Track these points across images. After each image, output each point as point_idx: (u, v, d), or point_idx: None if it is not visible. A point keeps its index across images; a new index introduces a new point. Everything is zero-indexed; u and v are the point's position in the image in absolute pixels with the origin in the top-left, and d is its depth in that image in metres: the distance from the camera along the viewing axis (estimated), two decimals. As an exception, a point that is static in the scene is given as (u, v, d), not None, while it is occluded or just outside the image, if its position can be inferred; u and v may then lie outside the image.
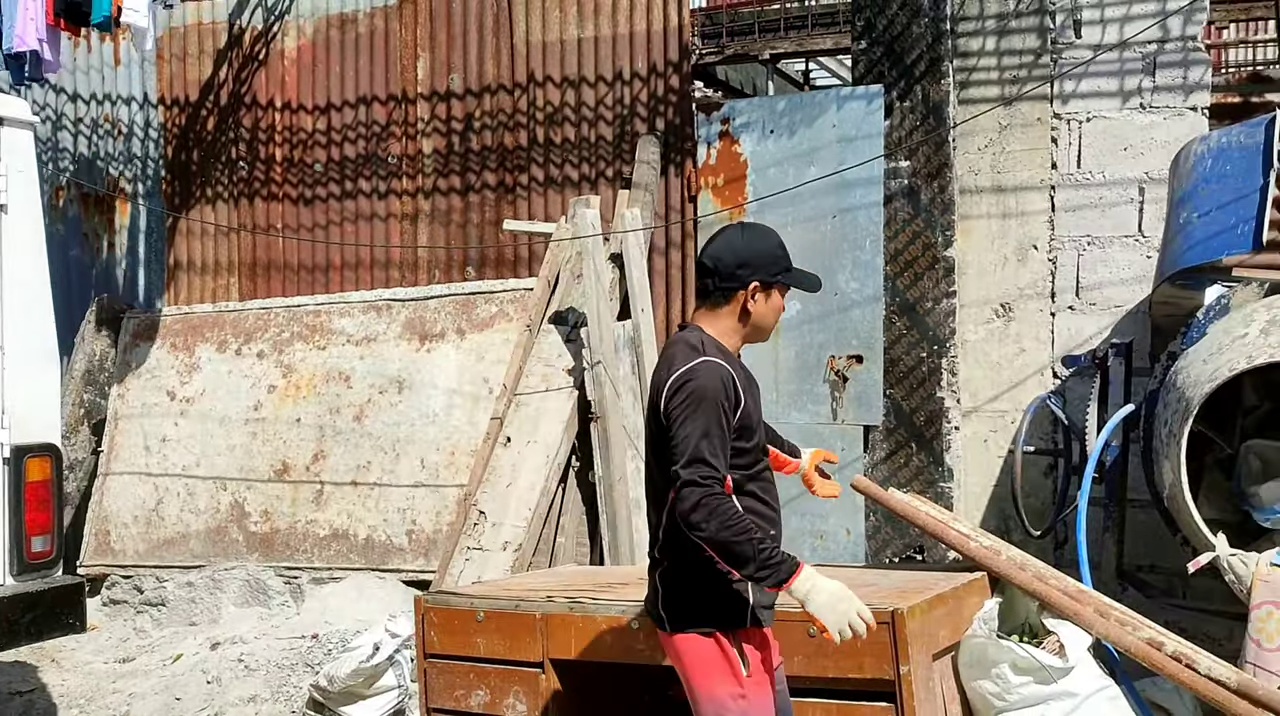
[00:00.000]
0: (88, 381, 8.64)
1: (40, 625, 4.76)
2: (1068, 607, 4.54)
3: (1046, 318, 6.69)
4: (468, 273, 8.16)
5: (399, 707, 5.82)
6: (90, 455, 8.59)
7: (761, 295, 3.46)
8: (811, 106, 7.21)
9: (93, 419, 8.62)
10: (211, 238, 8.99)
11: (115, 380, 8.62)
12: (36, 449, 4.88)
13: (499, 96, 8.09)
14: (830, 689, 4.10)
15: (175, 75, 9.09)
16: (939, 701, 4.25)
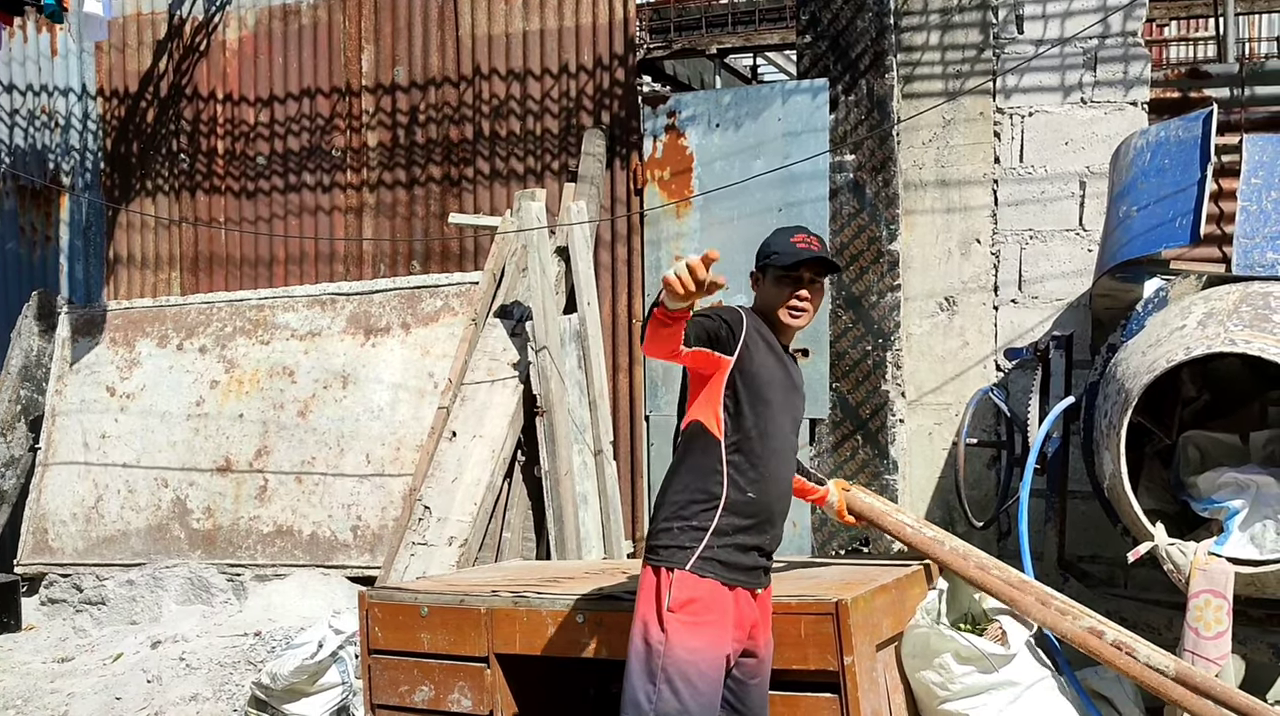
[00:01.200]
0: (25, 377, 8.50)
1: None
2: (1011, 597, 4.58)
3: (989, 311, 6.74)
4: (413, 266, 8.11)
5: (343, 704, 5.77)
6: (27, 452, 8.46)
7: (761, 282, 3.77)
8: (757, 100, 7.21)
9: (30, 415, 8.49)
10: (152, 231, 8.87)
11: (53, 376, 8.49)
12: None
13: (444, 89, 8.04)
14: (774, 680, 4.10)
15: (114, 66, 8.96)
16: (883, 691, 4.27)
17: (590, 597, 4.45)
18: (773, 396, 3.64)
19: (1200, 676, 4.41)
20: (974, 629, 4.56)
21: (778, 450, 3.67)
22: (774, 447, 3.65)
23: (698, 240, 7.33)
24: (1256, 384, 5.51)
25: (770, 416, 3.63)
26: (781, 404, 3.67)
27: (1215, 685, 4.38)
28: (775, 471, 3.67)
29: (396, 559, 6.69)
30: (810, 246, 3.70)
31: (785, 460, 3.71)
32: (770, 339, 3.69)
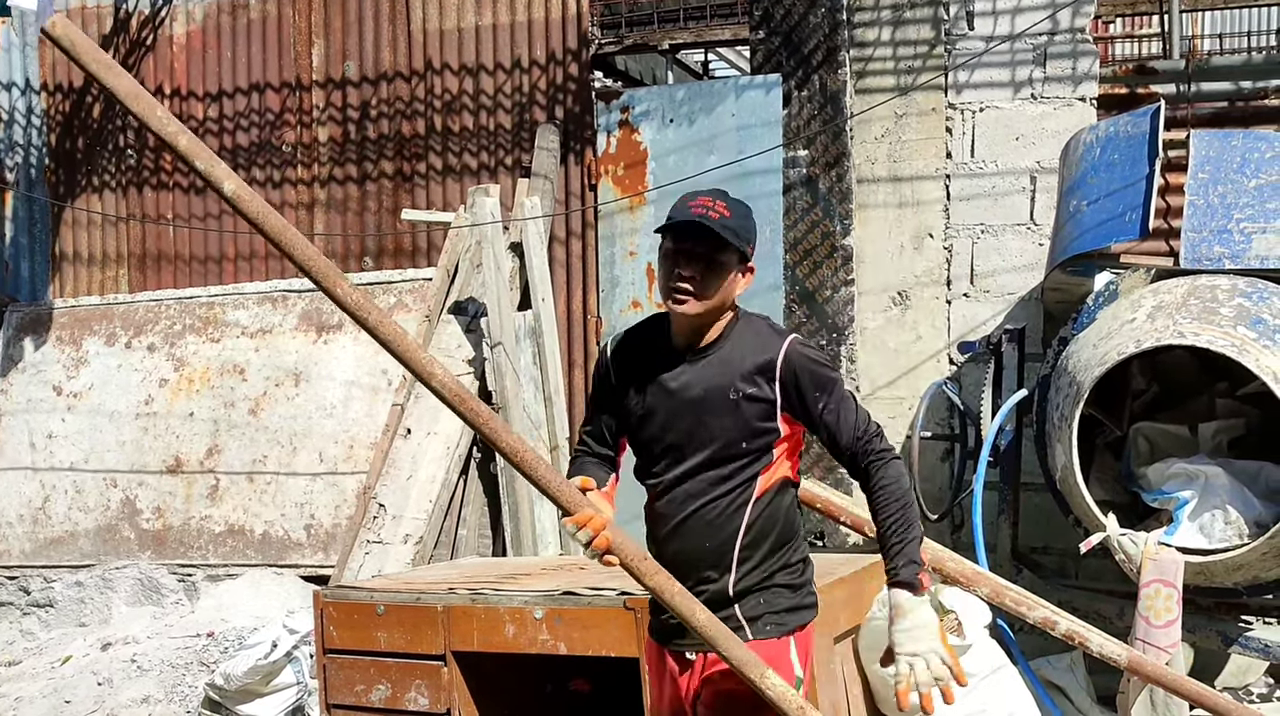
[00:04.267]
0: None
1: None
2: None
3: (942, 305, 6.79)
4: (365, 263, 8.05)
5: (298, 704, 5.72)
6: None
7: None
8: (710, 95, 7.22)
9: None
10: (99, 228, 8.75)
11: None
12: (-86, 446, 4.70)
13: (396, 84, 7.98)
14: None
15: (59, 60, 8.82)
16: (840, 684, 4.29)
17: (548, 593, 4.44)
18: (650, 431, 3.05)
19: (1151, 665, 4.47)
20: (930, 620, 4.58)
21: (666, 489, 3.04)
22: (670, 494, 3.04)
23: (652, 235, 7.32)
24: (1205, 376, 5.59)
25: (652, 454, 3.07)
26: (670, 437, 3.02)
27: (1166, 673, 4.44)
28: (663, 510, 3.05)
29: (351, 557, 6.65)
30: (709, 212, 2.91)
31: (679, 504, 3.01)
32: (649, 353, 3.06)
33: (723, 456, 2.96)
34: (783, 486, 3.03)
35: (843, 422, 2.94)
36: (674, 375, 3.00)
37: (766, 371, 2.92)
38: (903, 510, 2.89)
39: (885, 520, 2.91)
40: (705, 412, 2.96)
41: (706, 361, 2.97)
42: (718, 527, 2.97)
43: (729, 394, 2.93)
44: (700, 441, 2.97)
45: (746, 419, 2.94)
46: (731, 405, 2.93)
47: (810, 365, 2.94)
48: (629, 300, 7.39)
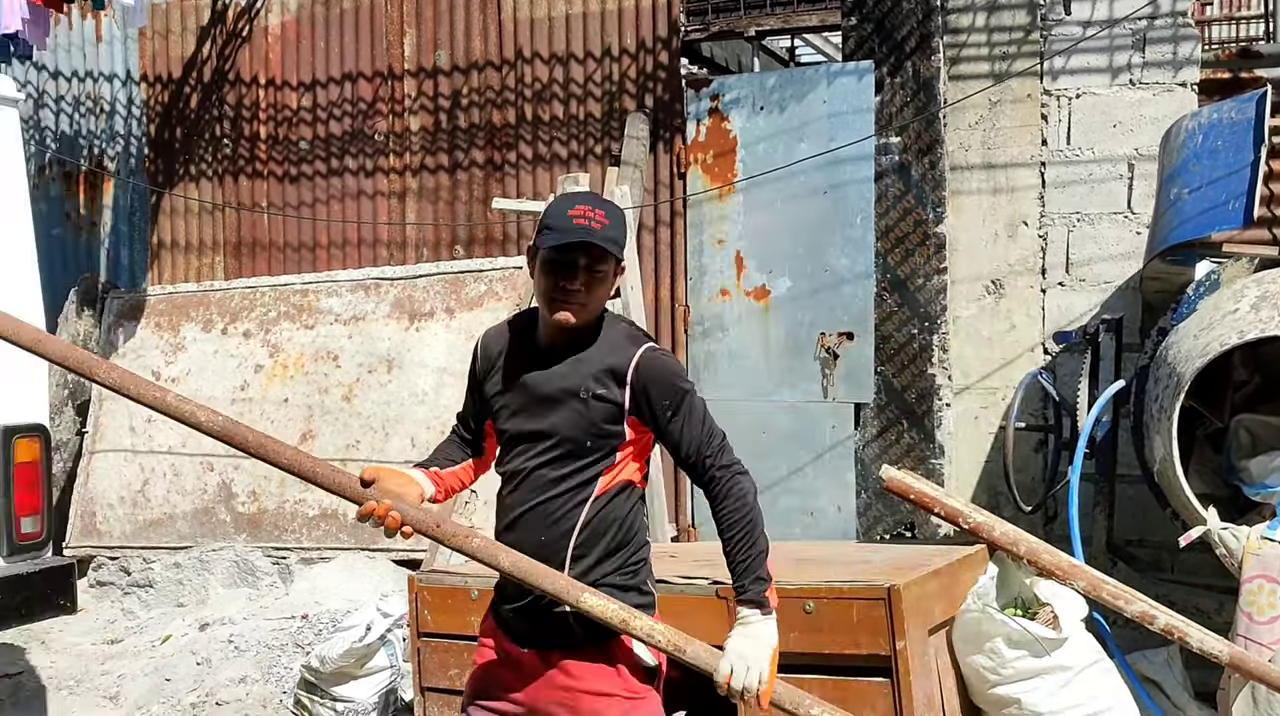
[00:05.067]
0: (72, 361, 8.58)
1: (31, 606, 4.73)
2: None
3: (1037, 294, 6.70)
4: (456, 251, 8.13)
5: (391, 687, 5.81)
6: (75, 436, 8.54)
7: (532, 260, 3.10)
8: (802, 83, 7.18)
9: (77, 400, 8.56)
10: (196, 216, 8.93)
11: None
12: (25, 429, 4.84)
13: (487, 73, 8.04)
14: (826, 665, 4.11)
15: (158, 52, 9.01)
16: (934, 676, 4.27)
17: (640, 581, 4.45)
18: (505, 422, 3.12)
19: (1254, 661, 4.39)
20: (1025, 613, 4.54)
21: (515, 481, 3.09)
22: (512, 480, 3.10)
23: (741, 224, 7.31)
24: (1310, 368, 5.46)
25: (505, 445, 3.14)
26: (522, 429, 3.08)
27: (1269, 670, 4.35)
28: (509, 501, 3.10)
29: (442, 542, 6.71)
30: (590, 223, 2.94)
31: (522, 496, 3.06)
32: (521, 352, 3.12)
33: (566, 453, 3.01)
34: (625, 488, 3.07)
35: (688, 434, 3.00)
36: (536, 372, 3.07)
37: (618, 375, 2.99)
38: (748, 527, 2.97)
39: (731, 538, 2.98)
40: (555, 409, 3.02)
41: (565, 360, 3.04)
42: (554, 523, 3.02)
43: (579, 393, 3.00)
44: (547, 437, 3.03)
45: (593, 419, 2.99)
46: (580, 404, 2.99)
47: (661, 374, 3.00)
48: (717, 288, 7.39)
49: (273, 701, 5.99)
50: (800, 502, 7.13)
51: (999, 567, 4.69)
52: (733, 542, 2.98)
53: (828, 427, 7.06)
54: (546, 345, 3.07)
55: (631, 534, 3.09)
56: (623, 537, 3.06)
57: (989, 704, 4.45)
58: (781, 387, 7.20)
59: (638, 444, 3.07)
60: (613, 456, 3.03)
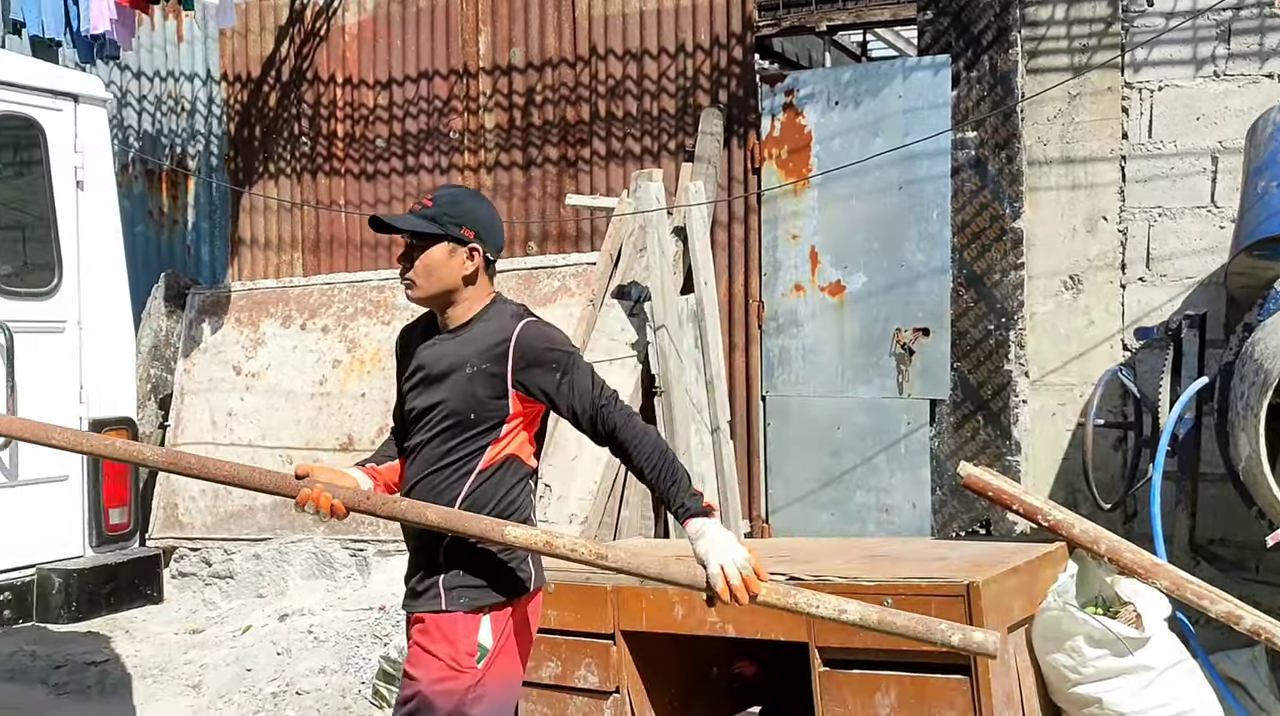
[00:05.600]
0: (154, 356, 8.75)
1: (118, 596, 4.83)
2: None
3: (1116, 289, 6.60)
4: (530, 247, 8.18)
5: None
6: (157, 429, 8.70)
7: None
8: (877, 77, 7.14)
9: (160, 393, 8.73)
10: (275, 213, 9.06)
11: (181, 355, 8.73)
12: (113, 422, 4.94)
13: (561, 70, 8.08)
14: (903, 661, 4.09)
15: (237, 52, 9.16)
16: (1013, 674, 4.23)
17: (716, 576, 4.46)
18: (408, 402, 3.36)
19: (1345, 664, 4.30)
20: (1106, 612, 4.49)
21: (415, 459, 3.31)
22: (412, 459, 3.33)
23: (815, 219, 7.28)
24: (1402, 364, 5.33)
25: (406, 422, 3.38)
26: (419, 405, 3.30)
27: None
28: (407, 476, 3.34)
29: (517, 536, 6.77)
30: (416, 206, 3.34)
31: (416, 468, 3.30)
32: (421, 337, 3.39)
33: (454, 426, 3.23)
34: (509, 463, 3.28)
35: (579, 392, 3.17)
36: (430, 351, 3.32)
37: (500, 349, 3.20)
38: (662, 456, 3.14)
39: (651, 470, 3.14)
40: (443, 384, 3.25)
41: (456, 340, 3.29)
42: (439, 494, 3.22)
43: (465, 369, 3.22)
44: (438, 412, 3.25)
45: (478, 393, 3.21)
46: (466, 379, 3.21)
47: (541, 342, 3.20)
48: (791, 284, 7.36)
49: (351, 691, 6.07)
50: (875, 499, 7.10)
51: (1079, 566, 4.64)
52: (656, 473, 3.14)
53: (903, 424, 7.02)
54: (442, 327, 3.35)
55: (512, 509, 3.27)
56: (503, 511, 3.24)
57: (1069, 703, 4.41)
58: (856, 384, 7.17)
59: (525, 417, 3.27)
60: (498, 430, 3.24)
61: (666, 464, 3.13)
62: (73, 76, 4.97)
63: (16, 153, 4.97)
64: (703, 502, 3.11)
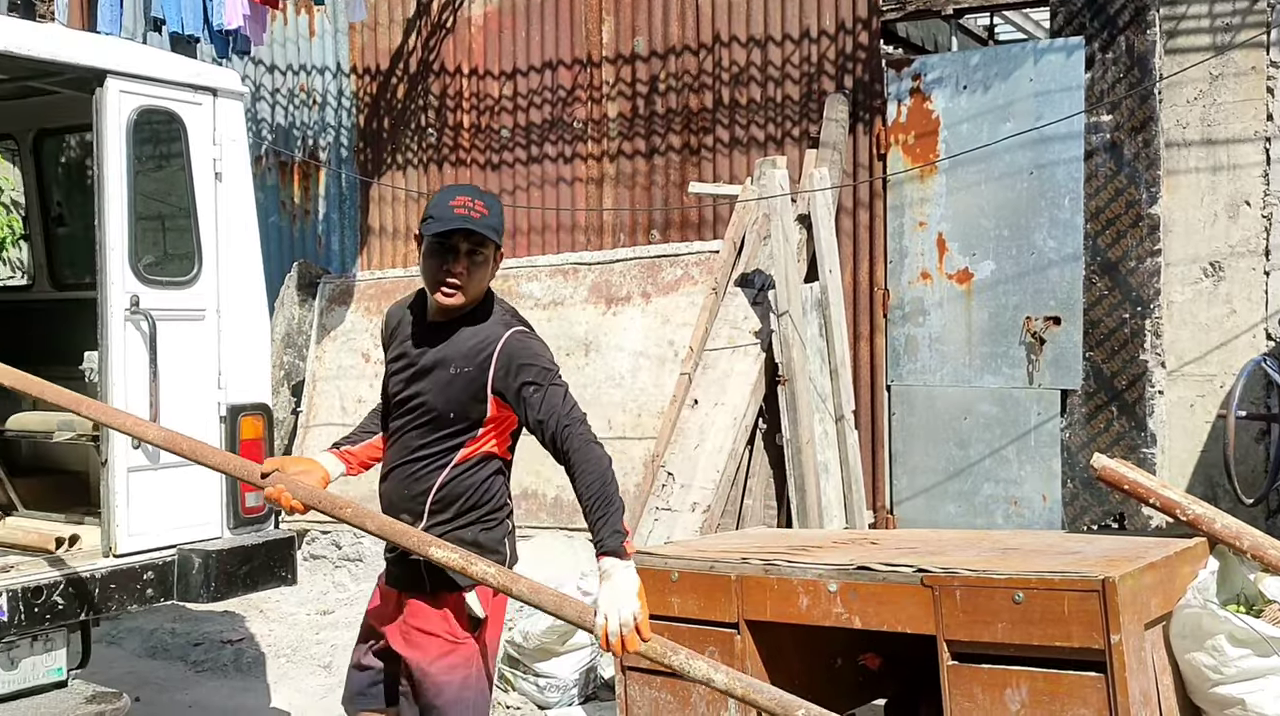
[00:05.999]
0: (287, 344, 8.96)
1: (254, 577, 4.94)
2: None
3: (1260, 277, 6.37)
4: (652, 236, 8.19)
5: (591, 665, 5.90)
6: (290, 415, 8.91)
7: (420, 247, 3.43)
8: (1007, 60, 6.99)
9: (292, 380, 8.94)
10: (402, 203, 9.21)
11: (313, 342, 8.92)
12: (250, 408, 5.06)
13: (684, 58, 8.06)
14: (1035, 657, 4.00)
15: (366, 45, 9.31)
16: (1150, 672, 4.11)
17: (842, 567, 4.42)
18: (393, 388, 3.48)
19: None
20: (1249, 610, 4.34)
21: (396, 444, 3.47)
22: (392, 443, 3.49)
23: (943, 205, 7.16)
24: None
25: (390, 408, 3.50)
26: (401, 393, 3.44)
27: None
28: (388, 459, 3.50)
29: (640, 523, 6.79)
30: (471, 212, 3.29)
31: (396, 454, 3.46)
32: (410, 326, 3.47)
33: (433, 421, 3.36)
34: (485, 460, 3.40)
35: (546, 408, 3.22)
36: (418, 345, 3.41)
37: (485, 354, 3.28)
38: (604, 486, 3.18)
39: (588, 497, 3.19)
40: (429, 381, 3.36)
41: (445, 338, 3.36)
42: (416, 481, 3.38)
43: (450, 368, 3.32)
44: (420, 405, 3.38)
45: (459, 394, 3.31)
46: (449, 378, 3.32)
47: (524, 355, 3.28)
48: (918, 271, 7.26)
49: (477, 675, 6.14)
50: (1003, 491, 6.97)
51: (1220, 562, 4.49)
52: (590, 501, 3.19)
53: (1032, 414, 6.88)
54: (431, 322, 3.42)
55: (487, 497, 3.42)
56: (477, 500, 3.40)
57: (1210, 704, 4.27)
58: (984, 373, 7.04)
59: (501, 422, 3.38)
60: (475, 430, 3.36)
61: (604, 495, 3.18)
62: (212, 71, 5.09)
63: (158, 146, 5.11)
64: (622, 542, 3.17)
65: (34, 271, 6.53)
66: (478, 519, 3.41)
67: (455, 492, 3.38)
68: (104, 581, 4.52)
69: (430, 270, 3.34)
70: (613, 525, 3.17)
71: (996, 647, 4.06)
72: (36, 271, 6.44)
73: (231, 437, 4.98)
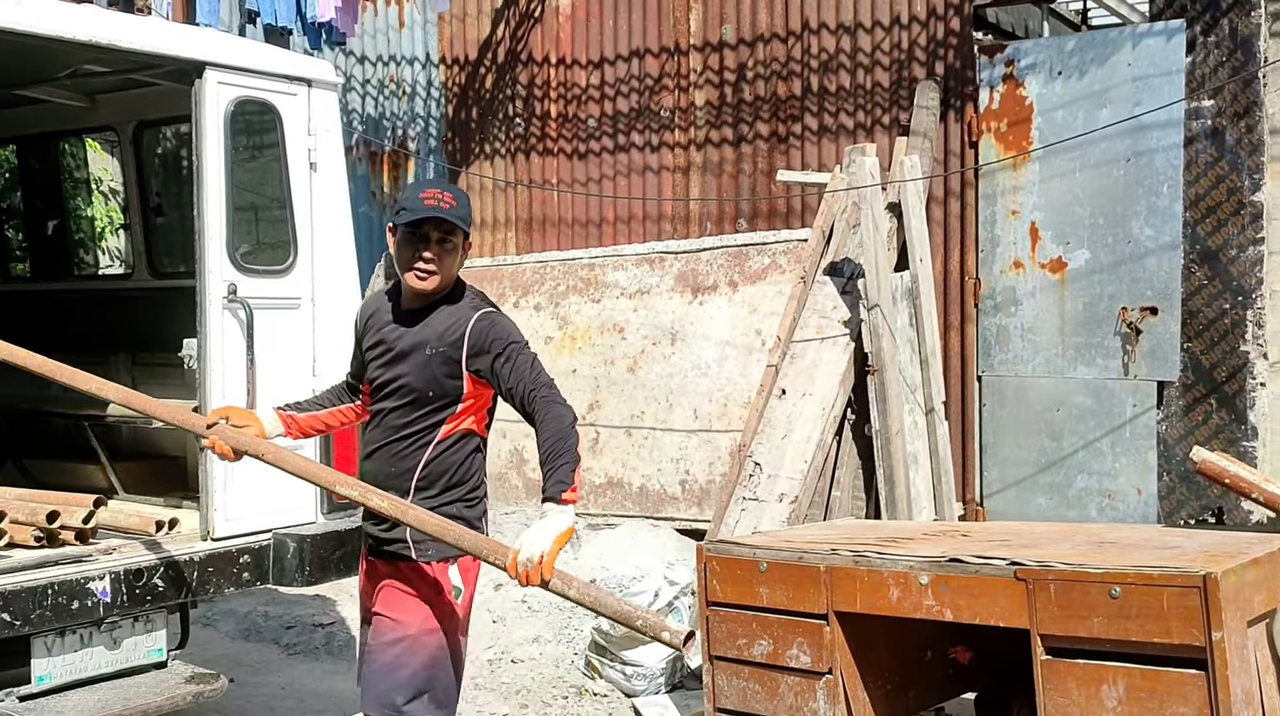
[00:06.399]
0: (377, 332, 9.06)
1: (347, 561, 5.01)
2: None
3: (1368, 266, 6.20)
4: (739, 224, 8.15)
5: (678, 654, 5.90)
6: (379, 402, 9.01)
7: (394, 239, 3.65)
8: (1104, 45, 6.85)
9: (382, 368, 9.04)
10: (490, 193, 9.27)
11: (402, 331, 9.01)
12: (345, 395, 5.12)
13: (772, 45, 8.01)
14: (1133, 653, 3.93)
15: (455, 35, 9.38)
16: (1253, 671, 4.02)
17: (934, 559, 4.37)
18: (374, 373, 3.71)
19: None
20: (1357, 609, 4.22)
21: (376, 420, 3.72)
22: (375, 424, 3.73)
23: (1036, 194, 7.05)
24: None
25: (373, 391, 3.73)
26: (382, 379, 3.68)
27: None
28: (372, 438, 3.73)
29: (726, 513, 6.78)
30: (440, 204, 3.56)
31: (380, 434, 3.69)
32: (388, 314, 3.71)
33: (413, 401, 3.60)
34: (465, 437, 3.64)
35: (515, 376, 3.48)
36: (396, 330, 3.66)
37: (458, 334, 3.54)
38: (559, 441, 3.38)
39: (544, 450, 3.40)
40: (408, 363, 3.60)
41: (420, 322, 3.62)
42: (402, 458, 3.61)
43: (426, 350, 3.57)
44: (402, 386, 3.61)
45: (436, 373, 3.56)
46: (426, 359, 3.57)
47: (492, 332, 3.54)
48: (1010, 261, 7.15)
49: (564, 661, 6.18)
50: (1097, 483, 6.85)
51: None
52: (545, 453, 3.40)
53: (1128, 406, 6.75)
54: (407, 309, 3.67)
55: (469, 475, 3.67)
56: (460, 477, 3.63)
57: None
58: (1078, 364, 6.92)
59: (478, 399, 3.62)
60: (454, 407, 3.59)
61: (558, 449, 3.38)
62: (307, 62, 5.16)
63: (253, 136, 5.19)
64: (564, 491, 3.35)
65: (133, 260, 6.66)
66: (460, 497, 3.66)
67: (440, 470, 3.61)
68: (202, 564, 4.61)
69: (404, 257, 3.60)
70: (559, 476, 3.37)
71: (1092, 643, 4.00)
72: (135, 260, 6.58)
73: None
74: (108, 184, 10.93)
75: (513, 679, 6.09)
